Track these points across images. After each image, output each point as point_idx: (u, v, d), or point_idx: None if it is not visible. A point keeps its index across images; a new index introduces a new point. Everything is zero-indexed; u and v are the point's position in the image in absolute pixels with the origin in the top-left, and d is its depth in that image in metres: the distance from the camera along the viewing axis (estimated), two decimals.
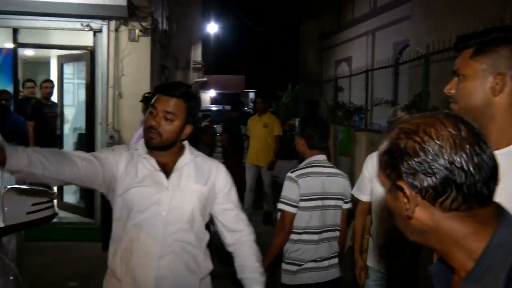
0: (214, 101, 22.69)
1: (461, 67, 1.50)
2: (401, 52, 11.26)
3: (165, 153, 2.24)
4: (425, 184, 0.98)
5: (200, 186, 2.28)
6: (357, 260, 3.28)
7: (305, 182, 3.05)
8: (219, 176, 2.34)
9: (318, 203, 3.09)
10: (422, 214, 1.00)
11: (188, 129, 2.24)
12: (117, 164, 2.21)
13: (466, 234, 0.98)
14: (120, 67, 7.40)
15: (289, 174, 3.14)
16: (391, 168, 1.03)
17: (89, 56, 7.43)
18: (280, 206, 3.08)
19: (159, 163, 2.24)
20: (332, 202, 3.14)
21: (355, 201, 3.34)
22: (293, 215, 3.04)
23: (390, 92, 10.13)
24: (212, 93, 24.19)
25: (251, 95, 27.72)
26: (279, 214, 3.13)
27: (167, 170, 2.25)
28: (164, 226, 2.20)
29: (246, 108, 15.04)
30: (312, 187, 3.07)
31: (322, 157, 3.21)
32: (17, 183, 2.52)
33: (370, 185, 3.15)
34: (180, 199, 2.23)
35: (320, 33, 18.34)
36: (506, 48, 1.43)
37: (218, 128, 10.24)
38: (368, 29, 14.20)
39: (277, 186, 10.10)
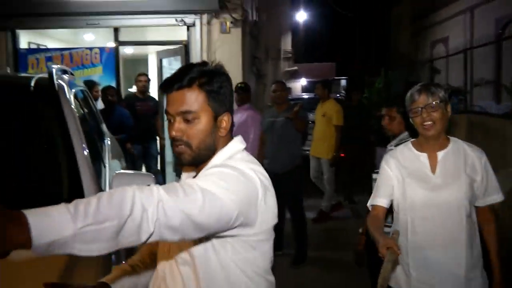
0: (305, 89, 22.65)
1: None
2: (504, 28, 10.55)
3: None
4: None
5: None
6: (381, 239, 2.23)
7: None
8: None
9: None
10: None
11: (226, 121, 1.57)
12: None
13: None
14: (212, 59, 7.59)
15: (390, 147, 3.22)
16: None
17: (184, 50, 7.73)
18: None
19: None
20: None
21: None
22: None
23: (491, 71, 9.54)
24: (303, 81, 24.17)
25: (343, 82, 27.28)
26: None
27: None
28: (169, 250, 1.59)
29: (338, 95, 14.81)
30: None
31: None
32: (122, 169, 2.73)
33: (397, 185, 2.47)
34: None
35: (413, 14, 17.62)
36: None
37: (311, 116, 10.17)
38: (466, 6, 13.42)
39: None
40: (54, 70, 2.74)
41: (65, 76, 3.24)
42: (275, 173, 5.25)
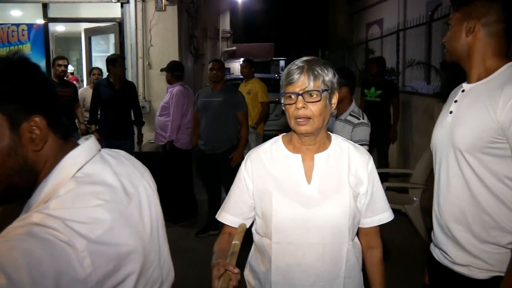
0: None
1: (450, 19, 1.87)
2: (434, 11, 10.92)
3: None
4: None
5: None
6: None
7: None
8: None
9: None
10: None
11: (38, 128, 1.04)
12: None
13: None
14: (148, 37, 7.44)
15: (362, 120, 3.34)
16: None
17: (118, 28, 7.49)
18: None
19: None
20: None
21: None
22: None
23: (423, 53, 9.87)
24: (241, 62, 24.18)
25: (281, 63, 27.48)
26: None
27: None
28: None
29: (276, 75, 14.86)
30: None
31: None
32: None
33: (258, 198, 1.81)
34: None
35: None
36: (478, 2, 1.76)
37: None
38: None
39: None
40: None
41: None
42: (211, 154, 5.23)
